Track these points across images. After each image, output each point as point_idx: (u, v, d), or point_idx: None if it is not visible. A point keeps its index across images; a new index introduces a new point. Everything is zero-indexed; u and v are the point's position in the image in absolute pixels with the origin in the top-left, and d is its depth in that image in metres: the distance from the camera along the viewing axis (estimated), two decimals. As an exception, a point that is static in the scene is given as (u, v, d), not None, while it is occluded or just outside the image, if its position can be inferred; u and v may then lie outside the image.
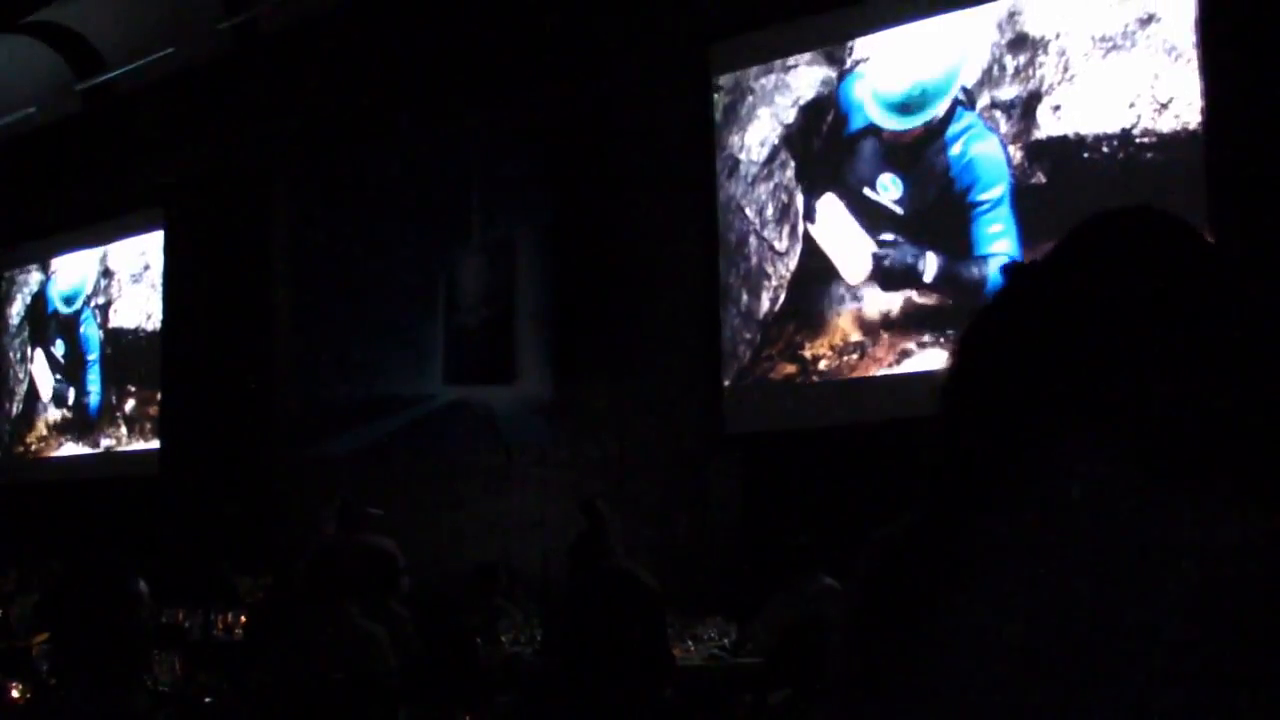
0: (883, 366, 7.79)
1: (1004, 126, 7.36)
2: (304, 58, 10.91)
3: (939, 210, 7.60)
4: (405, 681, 4.50)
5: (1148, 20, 6.86)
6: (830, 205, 8.09)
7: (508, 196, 9.68)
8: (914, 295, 7.67)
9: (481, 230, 9.83)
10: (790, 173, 8.32)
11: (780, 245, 8.32)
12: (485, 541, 9.03)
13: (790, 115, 8.34)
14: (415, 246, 10.09)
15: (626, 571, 2.11)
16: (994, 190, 7.35)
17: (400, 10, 10.19)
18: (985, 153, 7.41)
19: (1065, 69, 7.15)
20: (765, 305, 8.36)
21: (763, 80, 8.48)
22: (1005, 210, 7.31)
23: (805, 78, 8.29)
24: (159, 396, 12.30)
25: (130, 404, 12.68)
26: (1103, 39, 7.01)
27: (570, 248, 9.22)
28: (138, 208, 12.49)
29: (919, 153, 7.70)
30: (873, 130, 7.93)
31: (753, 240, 8.45)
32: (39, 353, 13.76)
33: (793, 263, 8.25)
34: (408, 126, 10.08)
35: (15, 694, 4.08)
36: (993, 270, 7.37)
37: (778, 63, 8.40)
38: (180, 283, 12.18)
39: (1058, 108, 7.16)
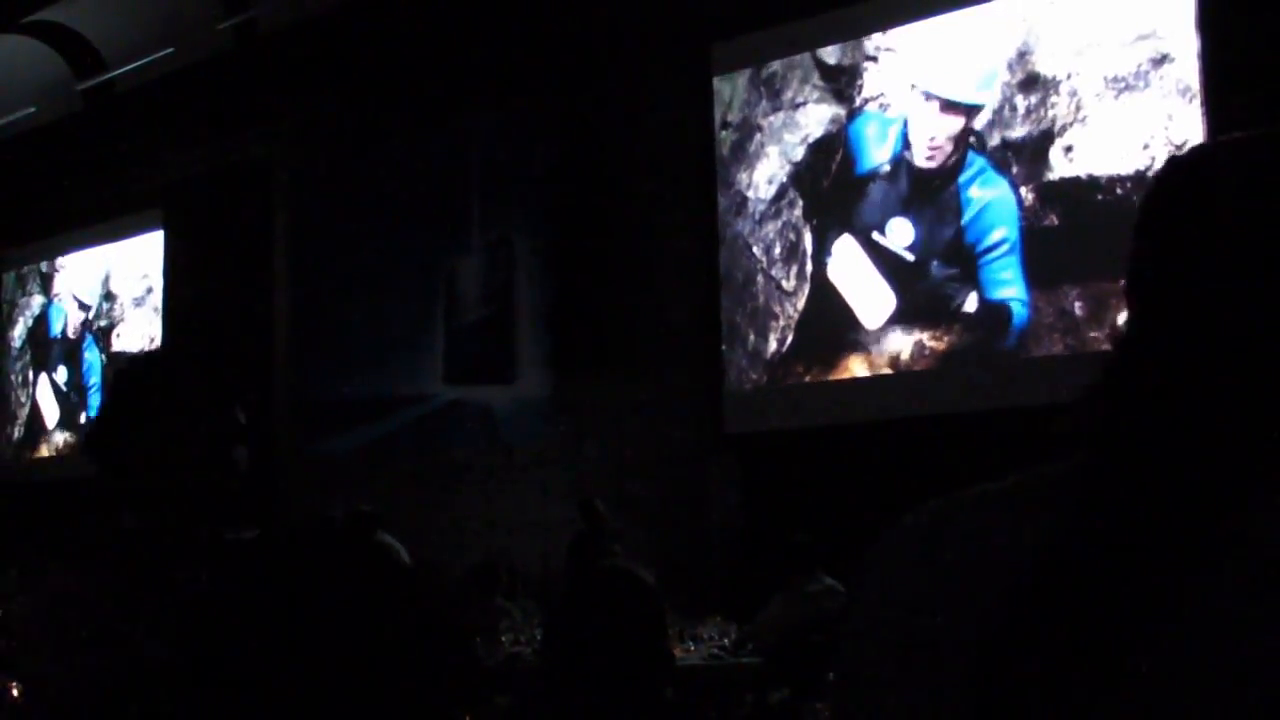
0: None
1: (1015, 168, 7.21)
2: (304, 58, 10.90)
3: (950, 256, 7.48)
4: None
5: (1160, 60, 6.75)
6: (845, 248, 7.93)
7: (507, 197, 9.68)
8: (926, 339, 7.55)
9: (481, 231, 9.84)
10: (799, 211, 8.16)
11: (788, 284, 8.15)
12: (485, 541, 9.03)
13: (799, 153, 8.18)
14: (415, 247, 10.09)
15: (626, 570, 2.11)
16: (1004, 236, 7.24)
17: (400, 11, 10.19)
18: (996, 197, 7.28)
19: (1077, 109, 7.03)
20: (773, 345, 8.22)
21: (770, 118, 8.32)
22: (1014, 257, 7.20)
23: (814, 115, 8.13)
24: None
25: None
26: (1115, 79, 6.90)
27: (569, 247, 9.22)
28: (138, 208, 12.48)
29: (931, 198, 7.57)
30: (882, 174, 7.78)
31: (760, 279, 8.29)
32: (41, 377, 13.70)
33: (801, 302, 8.10)
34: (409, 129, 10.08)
35: (15, 693, 4.08)
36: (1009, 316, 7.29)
37: (786, 99, 8.26)
38: (180, 284, 12.17)
39: (1070, 149, 7.03)
